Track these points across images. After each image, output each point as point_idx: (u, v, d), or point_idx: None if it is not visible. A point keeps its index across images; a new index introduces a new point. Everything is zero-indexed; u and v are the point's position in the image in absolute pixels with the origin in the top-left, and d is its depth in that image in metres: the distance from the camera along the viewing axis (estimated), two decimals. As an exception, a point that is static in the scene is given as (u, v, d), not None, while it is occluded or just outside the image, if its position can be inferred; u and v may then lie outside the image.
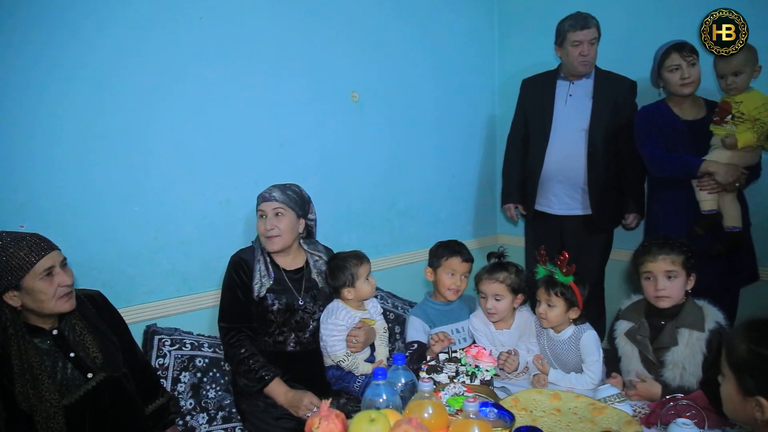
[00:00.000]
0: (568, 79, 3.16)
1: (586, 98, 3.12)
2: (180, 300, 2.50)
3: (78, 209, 2.21)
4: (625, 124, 3.03)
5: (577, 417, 1.86)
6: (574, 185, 3.17)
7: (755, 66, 2.49)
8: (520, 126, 3.37)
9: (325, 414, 1.43)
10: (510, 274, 2.33)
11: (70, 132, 2.17)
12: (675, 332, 2.05)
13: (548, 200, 3.26)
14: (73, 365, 1.77)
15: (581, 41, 2.99)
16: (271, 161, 2.73)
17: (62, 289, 1.73)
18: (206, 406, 2.32)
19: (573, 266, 2.14)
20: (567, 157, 3.14)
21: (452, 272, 2.47)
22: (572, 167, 3.14)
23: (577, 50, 3.01)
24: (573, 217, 3.22)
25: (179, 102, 2.43)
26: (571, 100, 3.15)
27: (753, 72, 2.50)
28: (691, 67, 2.66)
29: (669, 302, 2.08)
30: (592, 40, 3.00)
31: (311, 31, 2.86)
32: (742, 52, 2.47)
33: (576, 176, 3.15)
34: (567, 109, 3.16)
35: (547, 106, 3.19)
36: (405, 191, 3.39)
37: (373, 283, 2.44)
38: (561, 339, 2.22)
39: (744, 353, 1.32)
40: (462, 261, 2.48)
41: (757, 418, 1.30)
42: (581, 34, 2.98)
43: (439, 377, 1.98)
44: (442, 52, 3.54)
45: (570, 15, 3.03)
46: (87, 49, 2.18)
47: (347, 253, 2.46)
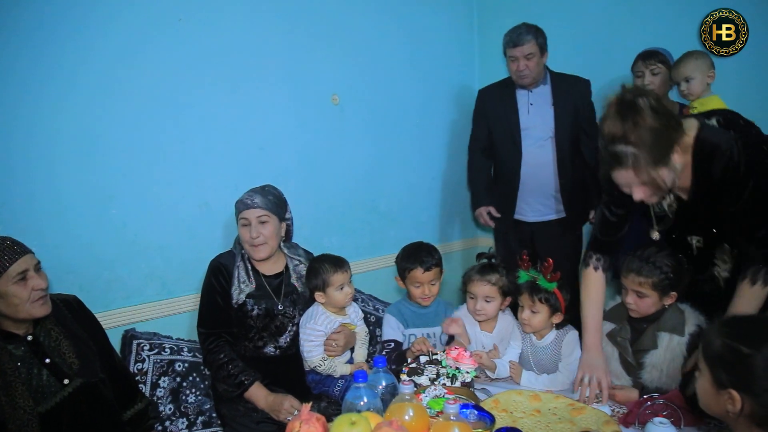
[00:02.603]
0: (525, 87, 3.19)
1: (546, 106, 3.18)
2: (159, 304, 2.47)
3: (53, 213, 2.18)
4: (584, 126, 3.12)
5: (556, 417, 1.88)
6: (546, 193, 3.24)
7: (708, 72, 2.53)
8: (482, 136, 3.38)
9: (305, 417, 1.43)
10: (501, 276, 2.31)
11: (45, 134, 2.15)
12: (655, 336, 2.07)
13: (521, 208, 3.30)
14: (49, 371, 1.74)
15: (516, 57, 3.05)
16: (251, 164, 2.72)
17: (37, 293, 1.70)
18: (186, 411, 2.30)
19: (558, 273, 2.16)
20: (538, 165, 3.19)
21: (417, 284, 2.43)
22: (543, 175, 3.20)
23: (514, 66, 3.08)
24: (545, 222, 3.27)
25: (157, 104, 2.41)
26: (532, 108, 3.20)
27: (706, 78, 2.53)
28: (653, 75, 2.73)
29: (637, 314, 2.10)
30: (528, 55, 3.04)
31: (291, 34, 2.85)
32: (691, 58, 2.52)
33: (547, 184, 3.22)
34: (531, 118, 3.20)
35: (512, 116, 3.22)
36: (385, 194, 3.40)
37: (348, 293, 2.35)
38: (543, 345, 2.23)
39: (718, 347, 1.37)
40: (423, 271, 2.41)
41: (729, 410, 1.34)
42: (515, 50, 3.04)
43: (419, 379, 1.98)
44: (422, 55, 3.55)
45: (511, 28, 3.08)
46: (61, 51, 2.16)
47: (327, 258, 2.40)
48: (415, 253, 2.46)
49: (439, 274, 2.47)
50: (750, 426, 1.33)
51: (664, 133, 1.68)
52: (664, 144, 1.68)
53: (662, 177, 1.72)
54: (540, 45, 3.07)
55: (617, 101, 1.72)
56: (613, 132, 1.70)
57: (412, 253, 2.46)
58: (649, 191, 1.77)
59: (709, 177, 1.80)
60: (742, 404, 1.31)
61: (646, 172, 1.71)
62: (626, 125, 1.67)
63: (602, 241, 2.13)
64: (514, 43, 3.03)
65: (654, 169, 1.70)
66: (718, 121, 1.83)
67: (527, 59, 3.04)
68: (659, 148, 1.68)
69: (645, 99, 1.67)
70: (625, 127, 1.68)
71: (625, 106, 1.69)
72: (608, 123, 1.72)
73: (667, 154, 1.70)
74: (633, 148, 1.67)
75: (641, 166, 1.70)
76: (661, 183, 1.74)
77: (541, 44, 3.08)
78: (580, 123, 3.14)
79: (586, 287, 2.16)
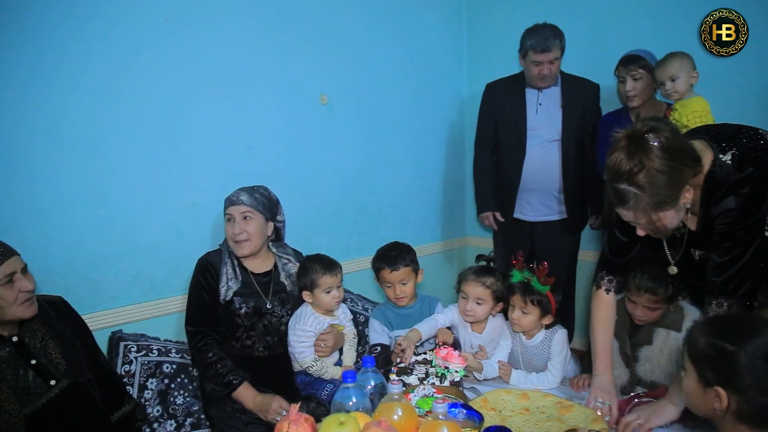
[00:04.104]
0: (535, 87, 3.16)
1: (555, 107, 3.15)
2: (146, 305, 2.46)
3: (39, 214, 2.16)
4: (589, 129, 3.11)
5: (545, 416, 1.89)
6: (549, 193, 3.21)
7: (692, 72, 2.54)
8: (490, 132, 3.33)
9: (294, 418, 1.43)
10: (496, 281, 2.30)
11: (30, 134, 2.12)
12: (652, 332, 2.12)
13: (522, 207, 3.28)
14: (35, 372, 1.72)
15: (542, 62, 3.00)
16: (239, 164, 2.71)
17: (24, 294, 1.68)
18: (174, 412, 2.28)
19: (552, 278, 2.17)
20: (542, 166, 3.17)
21: (388, 284, 2.43)
22: (547, 176, 3.17)
23: (537, 69, 3.03)
24: (546, 222, 3.25)
25: (144, 104, 2.39)
26: (541, 109, 3.16)
27: (690, 78, 2.54)
28: (635, 81, 2.75)
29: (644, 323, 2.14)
30: (553, 59, 3.00)
31: (280, 33, 2.84)
32: (676, 58, 2.54)
33: (551, 185, 3.19)
34: (539, 119, 3.16)
35: (519, 115, 3.18)
36: (374, 193, 3.40)
37: (335, 296, 2.33)
38: (533, 344, 2.24)
39: (703, 346, 1.38)
40: (391, 271, 2.40)
41: (715, 408, 1.36)
42: (542, 56, 2.98)
43: (408, 379, 1.99)
44: (411, 55, 3.55)
45: (534, 31, 2.99)
46: (45, 50, 2.14)
47: (320, 258, 2.38)
48: (386, 253, 2.46)
49: (410, 274, 2.44)
50: (736, 423, 1.35)
51: (671, 177, 1.59)
52: (670, 188, 1.60)
53: (665, 220, 1.65)
54: (563, 48, 3.02)
55: (627, 136, 1.62)
56: (617, 168, 1.61)
57: (383, 254, 2.47)
58: (651, 231, 1.72)
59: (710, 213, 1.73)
60: (728, 401, 1.33)
61: (647, 215, 1.65)
62: (632, 164, 1.59)
63: (613, 262, 2.05)
64: (542, 48, 2.95)
65: (656, 213, 1.63)
66: (733, 156, 1.68)
67: (551, 63, 3.00)
68: (664, 192, 1.60)
69: (657, 137, 1.58)
70: (630, 166, 1.59)
71: (635, 143, 1.60)
72: (615, 157, 1.63)
73: (674, 198, 1.62)
74: (636, 189, 1.59)
75: (642, 208, 1.63)
76: (661, 226, 1.67)
77: (563, 47, 3.03)
78: (585, 126, 3.12)
79: (597, 310, 2.09)
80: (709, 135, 1.76)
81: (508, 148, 3.27)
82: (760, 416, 1.31)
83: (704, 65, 2.69)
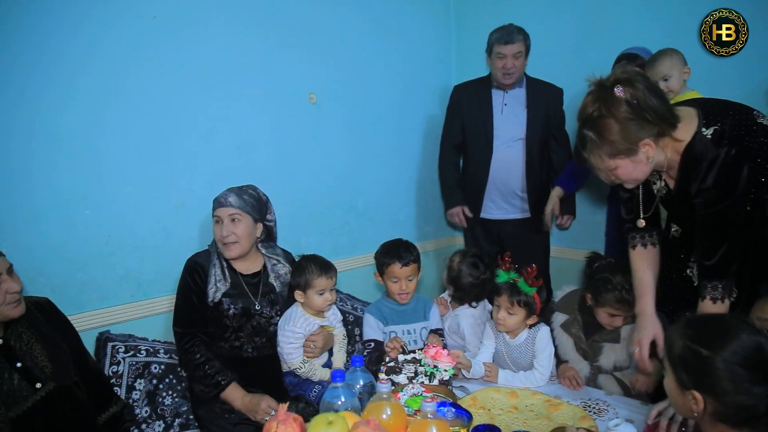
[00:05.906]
0: (501, 88, 3.25)
1: (520, 108, 3.25)
2: (134, 305, 2.44)
3: (25, 213, 2.13)
4: (554, 132, 3.22)
5: (533, 414, 1.90)
6: (512, 192, 3.31)
7: (683, 68, 2.56)
8: (456, 133, 3.42)
9: (282, 418, 1.42)
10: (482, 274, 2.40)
11: (15, 132, 2.10)
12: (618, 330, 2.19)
13: (487, 206, 3.38)
14: (21, 375, 1.70)
15: (505, 55, 3.09)
16: (228, 163, 2.70)
17: (11, 296, 1.67)
18: (162, 413, 2.27)
19: (540, 280, 2.19)
20: (506, 165, 3.27)
21: (395, 279, 2.44)
22: (511, 175, 3.28)
23: (501, 63, 3.11)
24: (510, 220, 3.35)
25: (131, 102, 2.37)
26: (506, 109, 3.26)
27: (683, 74, 2.56)
28: None
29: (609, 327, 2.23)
30: (517, 54, 3.09)
31: (268, 32, 2.83)
32: (666, 56, 2.55)
33: (514, 184, 3.29)
34: (504, 119, 3.26)
35: (486, 115, 3.27)
36: (363, 193, 3.39)
37: (327, 299, 2.32)
38: (517, 343, 2.26)
39: (680, 349, 1.38)
40: (401, 266, 2.42)
41: (693, 410, 1.36)
42: (505, 48, 3.08)
43: (398, 378, 1.99)
44: (399, 54, 3.55)
45: (499, 27, 3.12)
46: (32, 48, 2.12)
47: (316, 259, 2.37)
48: (394, 248, 2.48)
49: (416, 271, 2.48)
50: (714, 423, 1.35)
51: (628, 128, 1.65)
52: (624, 139, 1.66)
53: (619, 170, 1.72)
54: (527, 47, 3.13)
55: (597, 83, 1.70)
56: (582, 111, 1.71)
57: (391, 249, 2.48)
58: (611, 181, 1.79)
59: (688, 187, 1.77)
60: (704, 405, 1.33)
61: (603, 162, 1.72)
62: (593, 109, 1.67)
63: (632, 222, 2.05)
64: (505, 40, 3.06)
65: (611, 160, 1.70)
66: (714, 131, 1.71)
67: (515, 58, 3.09)
68: (619, 141, 1.66)
69: (624, 89, 1.64)
70: (591, 110, 1.67)
71: (601, 90, 1.67)
72: (584, 101, 1.71)
73: (629, 149, 1.68)
74: (593, 134, 1.68)
75: (597, 154, 1.70)
76: (616, 176, 1.74)
77: (528, 46, 3.14)
78: (550, 128, 3.23)
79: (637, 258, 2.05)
80: (703, 107, 1.80)
81: (475, 148, 3.35)
82: (738, 416, 1.31)
83: (704, 65, 2.70)
